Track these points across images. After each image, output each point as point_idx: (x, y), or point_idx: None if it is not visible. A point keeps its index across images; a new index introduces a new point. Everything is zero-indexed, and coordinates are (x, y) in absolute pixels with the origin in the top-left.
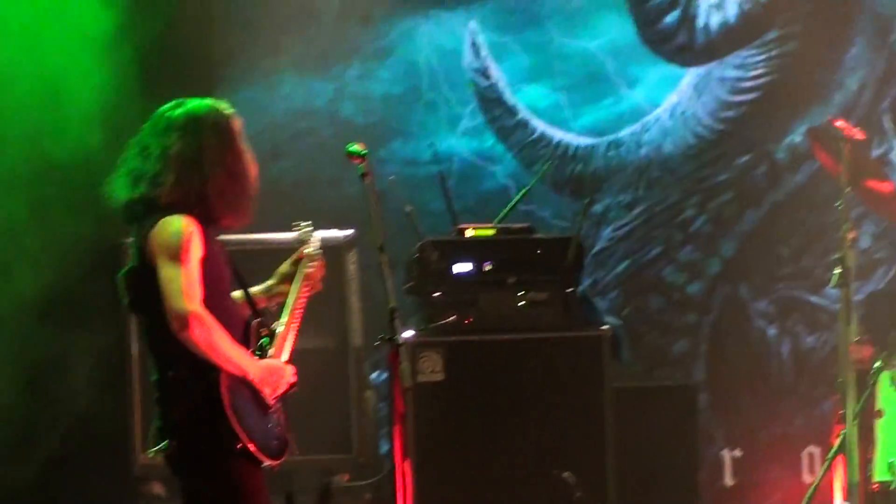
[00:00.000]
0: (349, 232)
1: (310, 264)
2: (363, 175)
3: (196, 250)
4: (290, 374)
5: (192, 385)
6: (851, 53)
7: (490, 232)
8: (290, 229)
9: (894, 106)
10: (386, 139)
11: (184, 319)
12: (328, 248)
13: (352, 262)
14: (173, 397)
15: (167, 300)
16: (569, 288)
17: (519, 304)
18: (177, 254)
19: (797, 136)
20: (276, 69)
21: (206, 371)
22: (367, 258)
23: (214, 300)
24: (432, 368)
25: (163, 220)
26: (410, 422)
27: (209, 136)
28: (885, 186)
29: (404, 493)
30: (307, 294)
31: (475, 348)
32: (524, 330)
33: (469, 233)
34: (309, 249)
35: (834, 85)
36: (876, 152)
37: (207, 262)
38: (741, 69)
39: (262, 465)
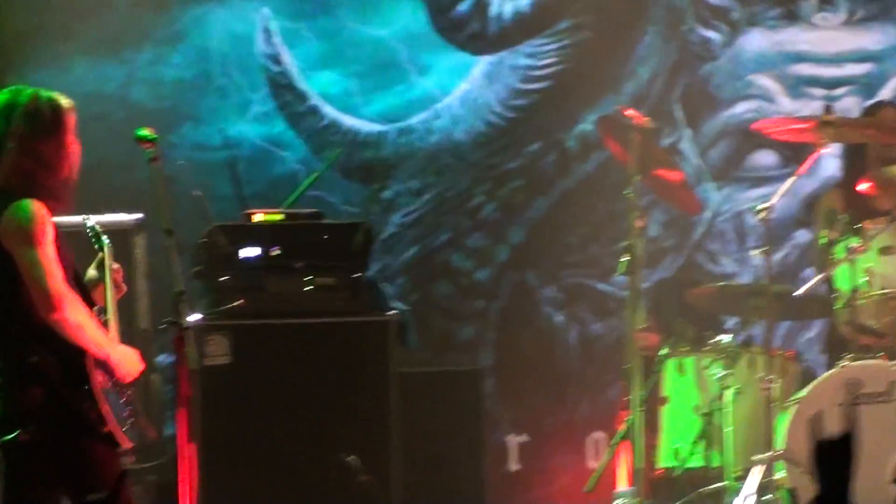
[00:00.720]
0: (138, 216)
1: (112, 266)
2: (152, 159)
3: (50, 232)
4: (139, 362)
5: (58, 368)
6: (643, 43)
7: (278, 217)
8: (79, 213)
9: (685, 96)
10: (176, 124)
11: (55, 301)
12: (117, 231)
13: (140, 246)
14: (29, 382)
15: (35, 283)
16: (356, 273)
17: (306, 289)
18: (34, 237)
19: (587, 125)
20: (67, 53)
21: (72, 354)
22: (155, 242)
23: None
24: (218, 352)
25: (13, 205)
26: (196, 405)
27: (20, 122)
28: (674, 175)
29: (189, 475)
30: (117, 296)
31: (262, 332)
32: (311, 314)
33: (257, 218)
34: (106, 250)
35: (625, 74)
36: (666, 142)
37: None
38: (533, 58)
39: (118, 450)
